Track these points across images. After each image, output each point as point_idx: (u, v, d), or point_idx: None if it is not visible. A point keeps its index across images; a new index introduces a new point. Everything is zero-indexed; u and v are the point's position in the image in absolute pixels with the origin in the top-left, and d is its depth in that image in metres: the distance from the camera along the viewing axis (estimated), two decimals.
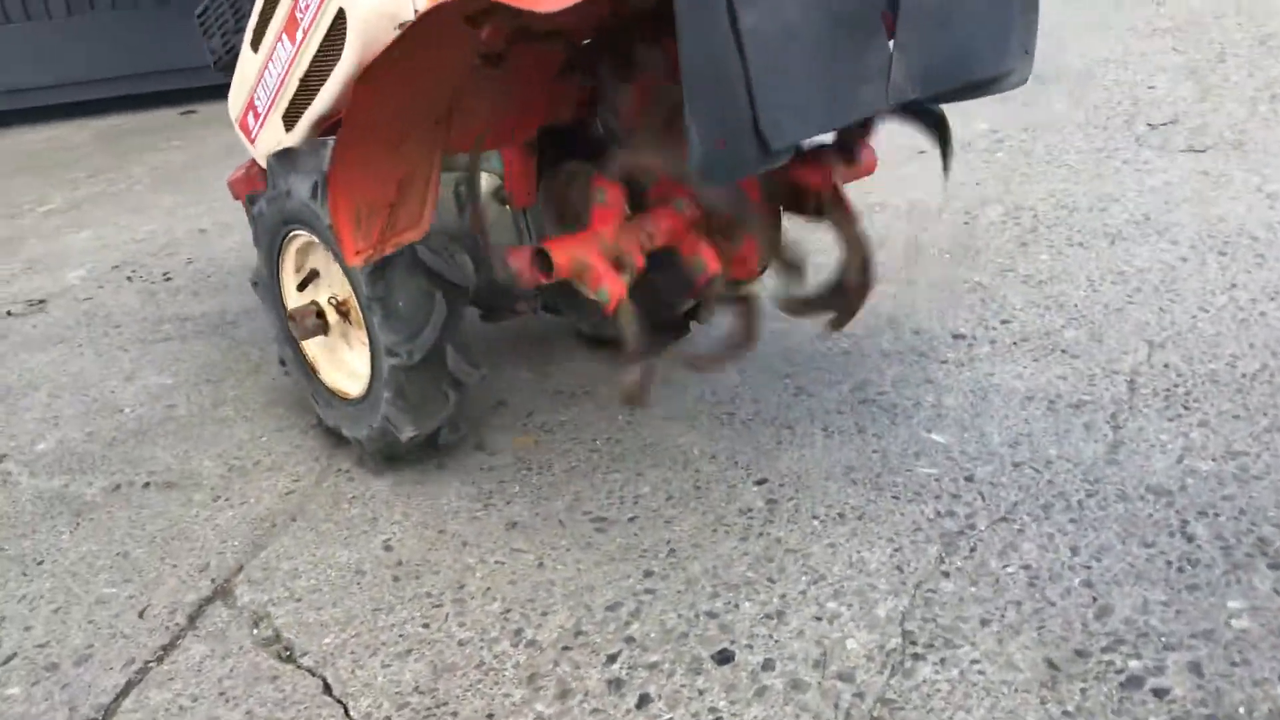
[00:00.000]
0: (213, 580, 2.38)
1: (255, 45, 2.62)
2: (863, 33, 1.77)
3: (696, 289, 2.26)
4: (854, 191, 2.33)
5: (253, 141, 2.77)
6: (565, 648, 2.00)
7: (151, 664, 2.10)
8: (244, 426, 3.05)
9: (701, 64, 1.58)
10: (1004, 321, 3.03)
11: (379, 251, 2.13)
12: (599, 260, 2.08)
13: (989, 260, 3.42)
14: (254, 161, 2.88)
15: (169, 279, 4.32)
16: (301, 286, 2.67)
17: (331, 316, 2.64)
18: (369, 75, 1.89)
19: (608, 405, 2.92)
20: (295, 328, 2.63)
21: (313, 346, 2.73)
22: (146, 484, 2.83)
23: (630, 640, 1.99)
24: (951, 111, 2.16)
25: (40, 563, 2.50)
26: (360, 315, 2.46)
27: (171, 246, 4.73)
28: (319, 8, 2.30)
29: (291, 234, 2.58)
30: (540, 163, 2.53)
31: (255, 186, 2.93)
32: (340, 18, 2.25)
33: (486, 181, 2.59)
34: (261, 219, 2.65)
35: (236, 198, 3.17)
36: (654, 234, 2.18)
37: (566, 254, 2.07)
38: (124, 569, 2.43)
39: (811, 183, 2.24)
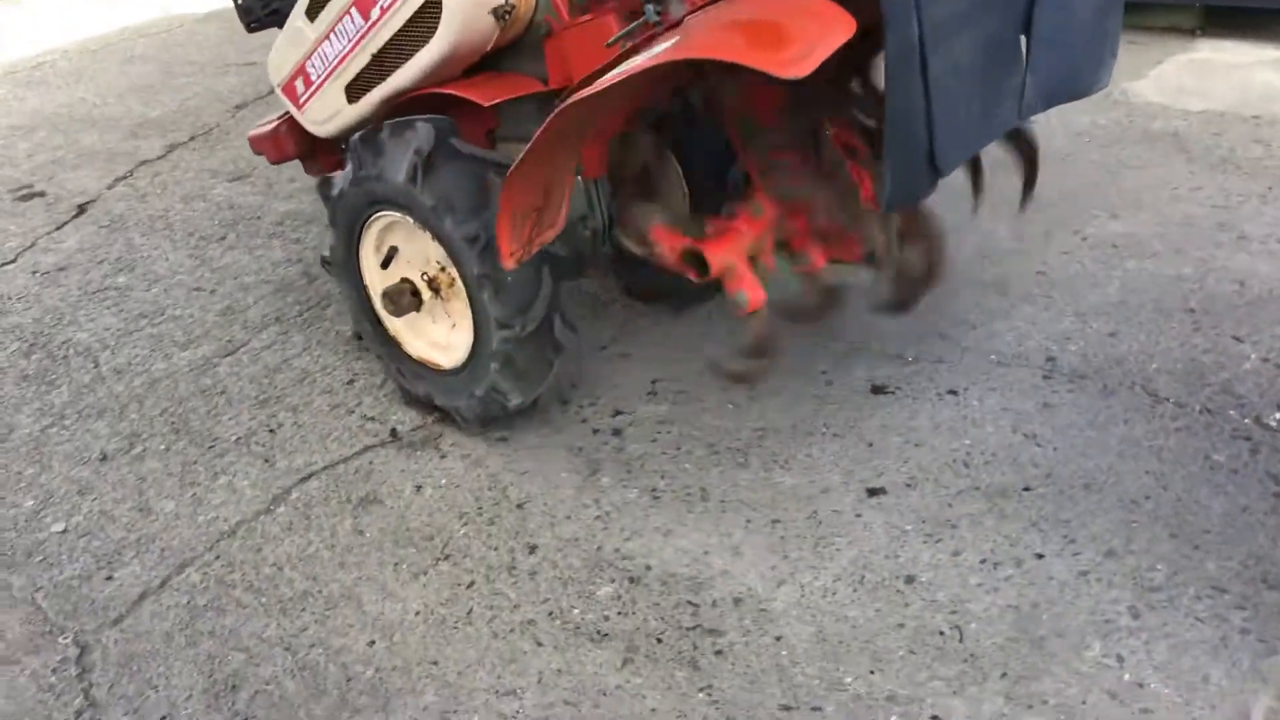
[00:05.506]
0: None
1: (312, 15, 2.70)
2: (1005, 58, 2.03)
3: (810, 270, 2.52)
4: None
5: (300, 108, 2.88)
6: None
7: None
8: None
9: (902, 109, 1.82)
10: None
11: (527, 252, 2.26)
12: (746, 267, 2.40)
13: None
14: (284, 121, 3.07)
15: None
16: (384, 265, 2.74)
17: (425, 293, 2.71)
18: (600, 107, 2.04)
19: None
20: (390, 305, 2.71)
21: (395, 321, 2.81)
22: None
23: None
24: None
25: None
26: (453, 289, 2.65)
27: None
28: None
29: (377, 215, 2.68)
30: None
31: (284, 148, 3.11)
32: (433, 3, 2.39)
33: None
34: (343, 199, 2.72)
35: (258, 153, 3.23)
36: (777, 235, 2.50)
37: (720, 259, 2.38)
38: None
39: None
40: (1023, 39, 2.04)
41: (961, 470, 2.53)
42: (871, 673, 2.05)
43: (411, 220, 2.59)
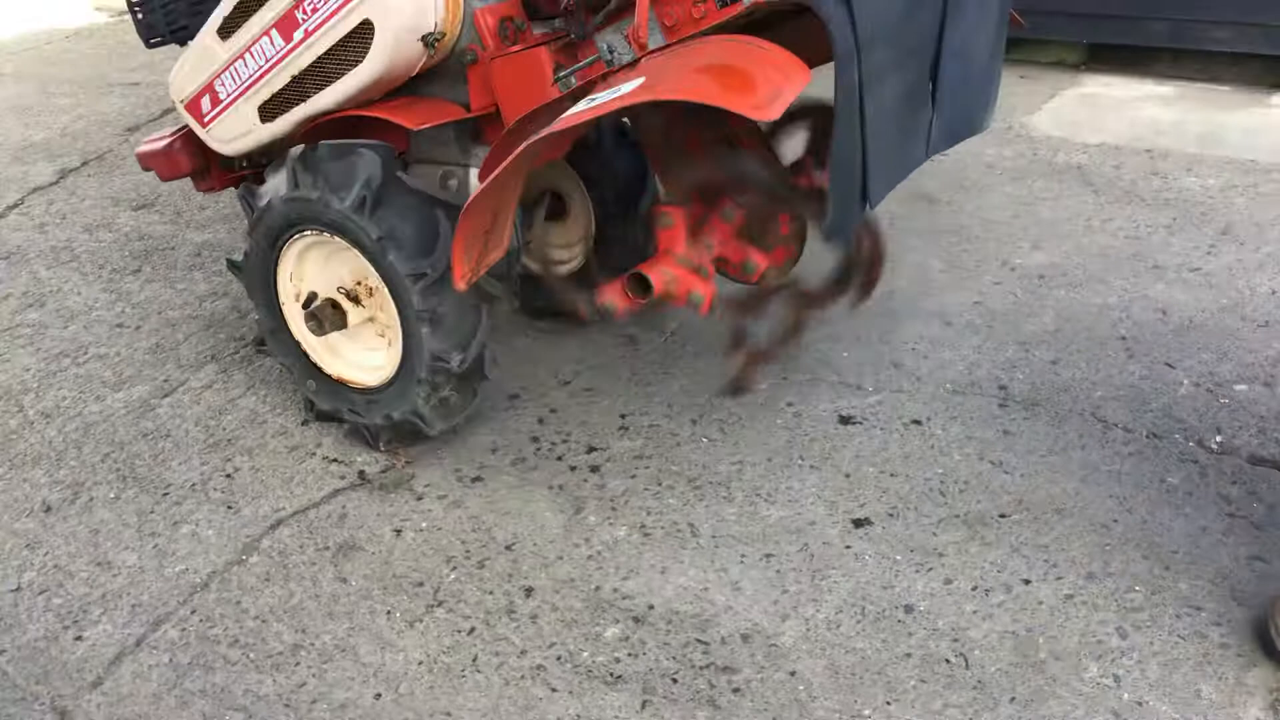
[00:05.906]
0: None
1: (225, 35, 2.64)
2: (918, 102, 2.22)
3: (755, 280, 2.68)
4: None
5: (205, 125, 2.84)
6: None
7: None
8: None
9: (845, 147, 1.98)
10: None
11: (475, 274, 2.35)
12: (683, 273, 2.49)
13: None
14: (179, 137, 3.01)
15: None
16: (306, 305, 2.77)
17: (346, 305, 2.75)
18: (553, 140, 2.05)
19: None
20: (317, 325, 2.73)
21: (334, 364, 2.86)
22: None
23: None
24: None
25: None
26: (373, 297, 2.70)
27: None
28: (335, 13, 2.42)
29: (283, 250, 2.73)
30: None
31: (177, 164, 3.03)
32: (365, 27, 2.40)
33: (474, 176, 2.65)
34: (249, 258, 2.81)
35: (146, 169, 3.12)
36: (712, 244, 2.61)
37: (659, 275, 2.46)
38: None
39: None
40: (930, 85, 2.26)
41: (939, 499, 2.63)
42: (888, 703, 2.11)
43: (311, 232, 2.63)
